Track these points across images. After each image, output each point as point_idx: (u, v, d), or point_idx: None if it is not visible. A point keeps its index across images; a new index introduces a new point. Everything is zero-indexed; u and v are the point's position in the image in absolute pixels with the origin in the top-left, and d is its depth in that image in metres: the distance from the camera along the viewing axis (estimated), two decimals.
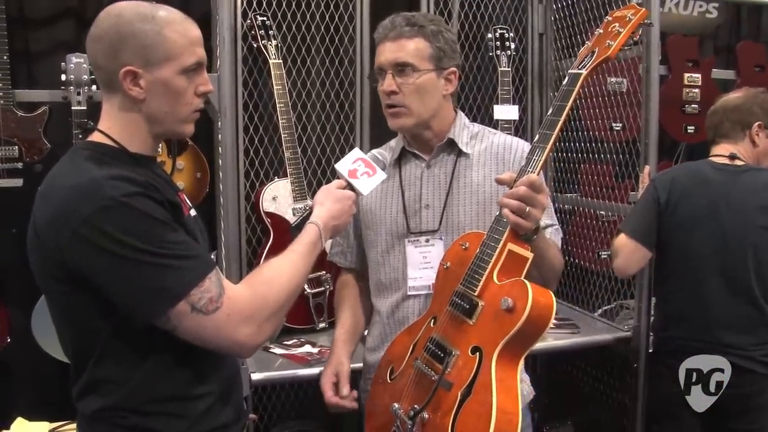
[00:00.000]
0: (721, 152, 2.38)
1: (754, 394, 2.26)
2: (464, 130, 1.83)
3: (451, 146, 1.82)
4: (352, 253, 1.99)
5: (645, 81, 2.63)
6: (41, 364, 2.53)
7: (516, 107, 2.99)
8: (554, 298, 1.47)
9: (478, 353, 1.47)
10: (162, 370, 1.32)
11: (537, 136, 1.53)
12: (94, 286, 1.23)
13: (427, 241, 1.80)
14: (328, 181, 2.95)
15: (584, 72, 1.51)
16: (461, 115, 1.86)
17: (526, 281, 1.46)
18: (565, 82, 1.54)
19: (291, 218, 2.73)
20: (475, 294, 1.52)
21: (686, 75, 3.39)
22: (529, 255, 1.51)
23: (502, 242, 1.50)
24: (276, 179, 2.77)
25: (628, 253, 2.35)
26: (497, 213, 1.53)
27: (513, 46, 3.06)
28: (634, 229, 2.36)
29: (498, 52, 3.02)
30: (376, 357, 1.87)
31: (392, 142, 1.94)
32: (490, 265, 1.50)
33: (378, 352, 1.87)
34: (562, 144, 3.24)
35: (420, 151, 1.84)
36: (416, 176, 1.84)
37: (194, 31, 1.35)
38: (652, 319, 2.63)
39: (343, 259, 2.01)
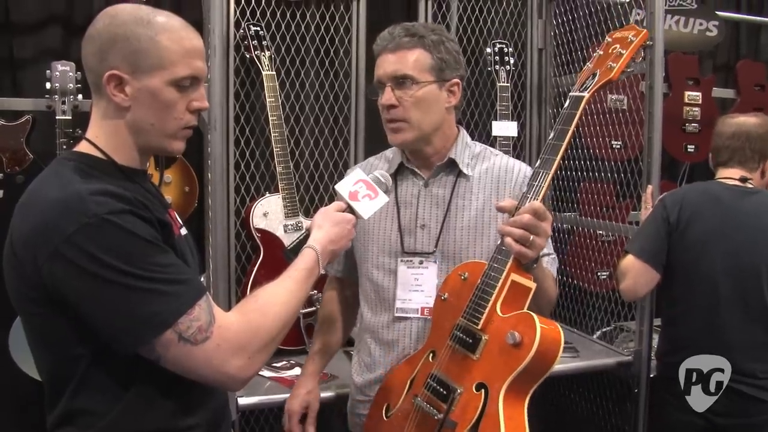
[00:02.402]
0: (731, 175, 2.32)
1: (763, 425, 2.17)
2: (466, 150, 1.76)
3: (451, 166, 1.75)
4: (339, 262, 1.93)
5: (648, 98, 2.57)
6: (19, 384, 2.43)
7: (515, 124, 2.93)
8: (561, 331, 1.40)
9: (483, 390, 1.40)
10: (145, 402, 1.22)
11: (539, 161, 1.48)
12: (74, 311, 1.14)
13: (421, 262, 1.73)
14: (321, 198, 2.94)
15: (586, 95, 1.47)
16: (463, 133, 1.79)
17: (532, 314, 1.39)
18: (566, 104, 1.49)
19: (282, 235, 2.64)
20: (479, 327, 1.45)
21: (687, 93, 3.36)
22: (533, 285, 1.45)
23: (505, 272, 1.44)
24: (267, 194, 2.69)
25: (636, 275, 2.27)
26: (498, 242, 1.47)
27: (512, 61, 3.00)
28: (642, 249, 2.28)
29: (497, 67, 2.96)
30: (364, 378, 1.82)
31: (388, 153, 1.87)
32: (494, 296, 1.44)
33: (367, 374, 1.82)
34: (562, 162, 3.17)
35: (419, 168, 1.77)
36: (413, 194, 1.77)
37: (194, 41, 1.26)
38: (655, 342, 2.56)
39: (330, 267, 1.95)
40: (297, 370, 2.45)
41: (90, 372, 1.20)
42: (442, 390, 1.47)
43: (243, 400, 2.19)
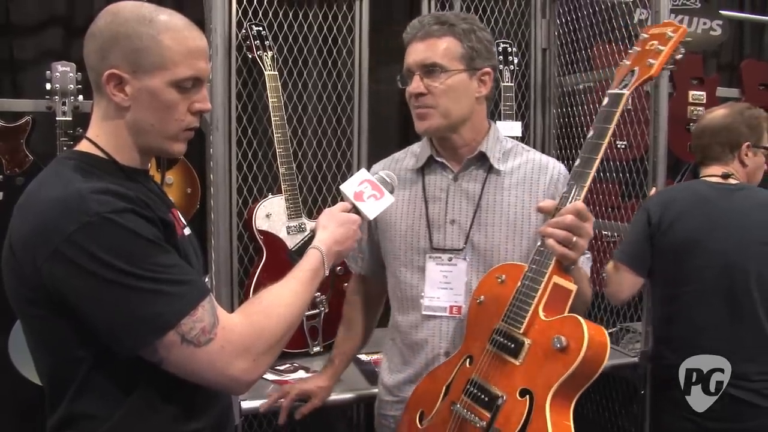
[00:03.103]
0: (713, 173, 2.28)
1: (757, 430, 2.12)
2: (497, 144, 1.73)
3: (482, 160, 1.71)
4: (363, 259, 1.91)
5: (654, 97, 2.55)
6: (18, 388, 2.40)
7: (519, 123, 2.91)
8: (607, 334, 1.36)
9: (528, 396, 1.36)
10: (148, 406, 1.20)
11: (578, 161, 1.44)
12: (74, 312, 1.12)
13: (450, 259, 1.70)
14: (324, 199, 2.92)
15: (626, 92, 1.44)
16: (495, 127, 1.76)
17: (579, 317, 1.36)
18: (605, 103, 1.46)
19: (285, 237, 2.62)
20: (521, 331, 1.42)
21: (691, 93, 3.34)
22: (574, 287, 1.41)
23: (547, 274, 1.41)
24: (270, 196, 2.65)
25: (618, 279, 2.26)
26: (534, 241, 1.44)
27: (516, 60, 2.98)
28: (623, 253, 2.27)
29: (501, 66, 2.94)
30: (394, 379, 1.81)
31: (415, 147, 1.84)
32: (536, 299, 1.41)
33: (396, 374, 1.80)
34: (565, 162, 3.15)
35: (448, 161, 1.73)
36: (441, 188, 1.73)
37: (197, 41, 1.23)
38: None
39: (354, 264, 1.94)
40: (300, 373, 2.42)
41: (91, 375, 1.17)
42: (483, 396, 1.44)
43: (246, 404, 2.16)
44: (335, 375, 1.96)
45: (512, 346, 1.42)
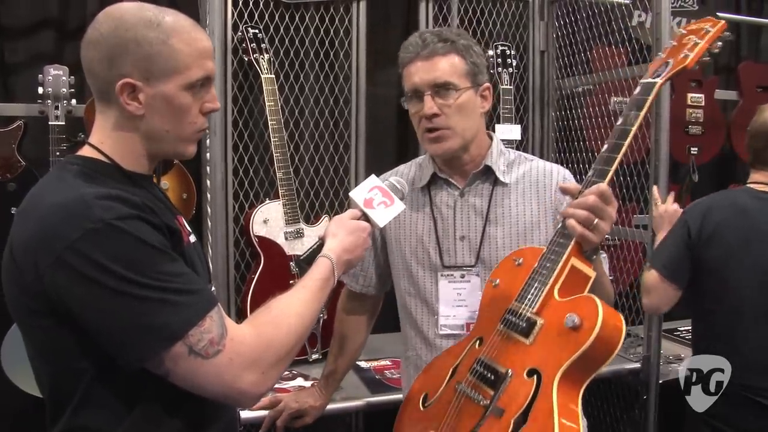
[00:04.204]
0: (761, 179, 2.20)
1: None
2: (501, 157, 1.70)
3: (487, 174, 1.69)
4: (365, 277, 1.86)
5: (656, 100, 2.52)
6: (12, 399, 2.35)
7: (518, 127, 2.88)
8: (623, 319, 1.31)
9: (535, 376, 1.30)
10: (152, 420, 1.15)
11: (606, 146, 1.40)
12: (77, 322, 1.08)
13: (463, 276, 1.67)
14: (322, 204, 2.88)
15: (660, 80, 1.41)
16: (497, 140, 1.73)
17: (595, 297, 1.31)
18: (637, 91, 1.42)
19: (283, 242, 2.58)
20: (534, 311, 1.36)
21: (689, 95, 3.33)
22: (593, 273, 1.37)
23: (565, 256, 1.36)
24: (267, 201, 2.62)
25: (660, 294, 2.17)
26: (559, 225, 1.39)
27: (514, 63, 2.95)
28: (665, 267, 2.18)
29: (499, 69, 2.92)
30: None
31: (419, 160, 1.81)
32: (552, 279, 1.36)
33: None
34: (565, 166, 3.12)
35: (453, 177, 1.70)
36: (448, 205, 1.71)
37: (204, 41, 1.21)
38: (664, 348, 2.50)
39: (354, 282, 1.88)
40: (299, 381, 2.39)
41: (93, 387, 1.13)
42: (489, 375, 1.38)
43: (245, 414, 2.11)
44: (329, 394, 1.93)
45: (523, 325, 1.37)
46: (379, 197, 1.46)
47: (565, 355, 1.28)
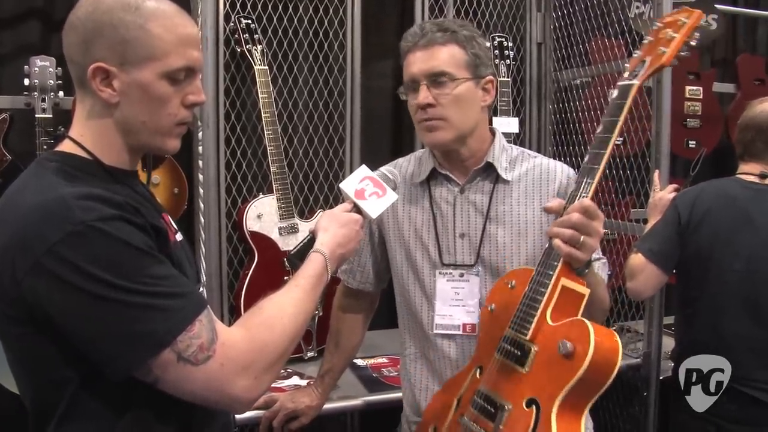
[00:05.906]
0: (750, 170, 2.22)
1: None
2: (503, 153, 1.65)
3: (489, 170, 1.64)
4: (362, 274, 1.82)
5: (656, 92, 2.50)
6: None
7: (516, 119, 2.84)
8: (618, 339, 1.28)
9: (534, 406, 1.28)
10: (141, 429, 1.11)
11: (587, 157, 1.36)
12: (59, 330, 1.02)
13: (462, 275, 1.63)
14: (316, 198, 2.83)
15: (636, 82, 1.36)
16: (500, 135, 1.69)
17: (585, 320, 1.28)
18: (614, 95, 1.38)
19: (277, 238, 2.53)
20: (527, 338, 1.34)
21: (687, 88, 3.29)
22: (586, 291, 1.33)
23: (554, 277, 1.33)
24: (261, 196, 2.56)
25: (645, 276, 2.17)
26: (546, 245, 1.36)
27: (512, 55, 2.91)
28: (652, 251, 2.18)
29: (497, 61, 2.87)
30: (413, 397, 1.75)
31: (418, 154, 1.76)
32: (543, 303, 1.33)
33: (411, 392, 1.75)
34: (562, 159, 3.09)
35: (453, 173, 1.66)
36: (448, 201, 1.66)
37: (188, 28, 1.14)
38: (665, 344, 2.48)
39: (351, 279, 1.84)
40: (294, 379, 2.34)
41: (78, 397, 1.07)
42: (489, 407, 1.37)
43: (239, 415, 2.07)
44: (325, 393, 1.89)
45: (519, 353, 1.36)
46: (370, 188, 1.42)
47: (561, 383, 1.26)
